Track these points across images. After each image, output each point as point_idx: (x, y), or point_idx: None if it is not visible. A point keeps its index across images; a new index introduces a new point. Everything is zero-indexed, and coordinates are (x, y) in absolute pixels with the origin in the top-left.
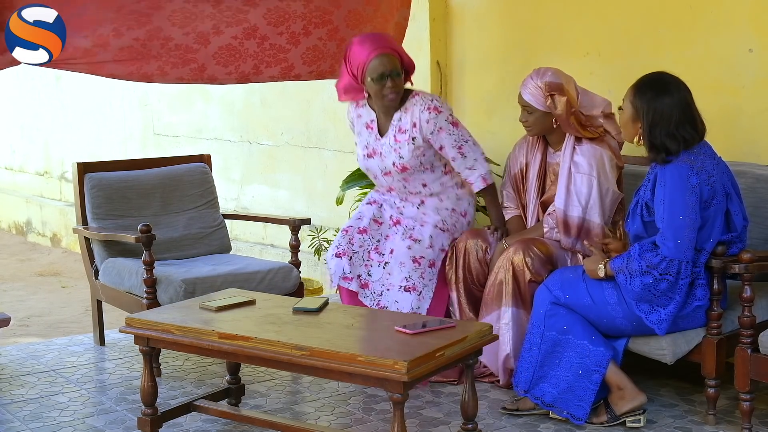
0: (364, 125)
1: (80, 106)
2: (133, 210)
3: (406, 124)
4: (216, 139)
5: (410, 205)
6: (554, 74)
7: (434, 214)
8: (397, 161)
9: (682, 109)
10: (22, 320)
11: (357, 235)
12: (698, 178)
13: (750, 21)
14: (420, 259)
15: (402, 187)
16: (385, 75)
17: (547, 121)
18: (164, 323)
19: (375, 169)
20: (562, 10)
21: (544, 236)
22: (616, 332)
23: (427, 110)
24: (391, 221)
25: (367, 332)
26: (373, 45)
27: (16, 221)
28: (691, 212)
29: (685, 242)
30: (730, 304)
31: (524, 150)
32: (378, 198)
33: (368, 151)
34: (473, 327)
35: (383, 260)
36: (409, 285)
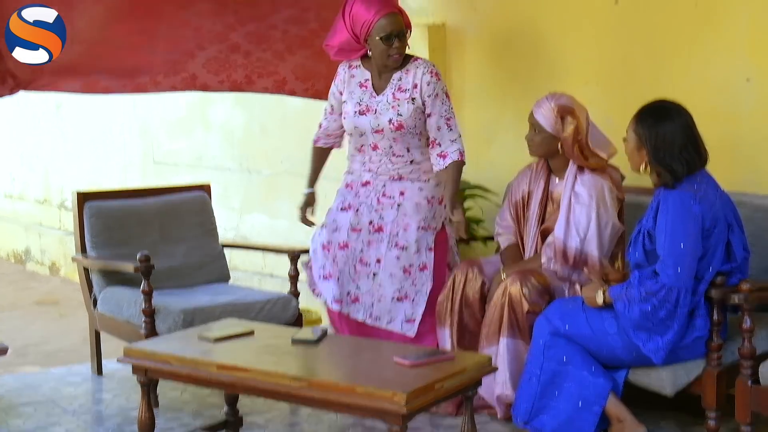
0: (358, 84)
1: (80, 135)
2: (132, 239)
3: (407, 84)
4: (216, 168)
5: (389, 207)
6: (568, 99)
7: (415, 213)
8: (395, 118)
9: (684, 133)
10: (20, 349)
11: (339, 252)
12: (700, 207)
13: (748, 51)
14: (410, 268)
15: (388, 147)
16: (393, 35)
17: (552, 145)
18: (162, 353)
19: (365, 126)
20: (561, 39)
21: (542, 267)
22: (616, 363)
23: (429, 73)
24: (372, 227)
25: (366, 363)
26: (379, 3)
27: (15, 249)
28: (693, 240)
29: (685, 270)
30: (731, 335)
31: (527, 178)
32: (353, 201)
33: (360, 108)
34: (472, 359)
35: (370, 271)
36: (401, 295)
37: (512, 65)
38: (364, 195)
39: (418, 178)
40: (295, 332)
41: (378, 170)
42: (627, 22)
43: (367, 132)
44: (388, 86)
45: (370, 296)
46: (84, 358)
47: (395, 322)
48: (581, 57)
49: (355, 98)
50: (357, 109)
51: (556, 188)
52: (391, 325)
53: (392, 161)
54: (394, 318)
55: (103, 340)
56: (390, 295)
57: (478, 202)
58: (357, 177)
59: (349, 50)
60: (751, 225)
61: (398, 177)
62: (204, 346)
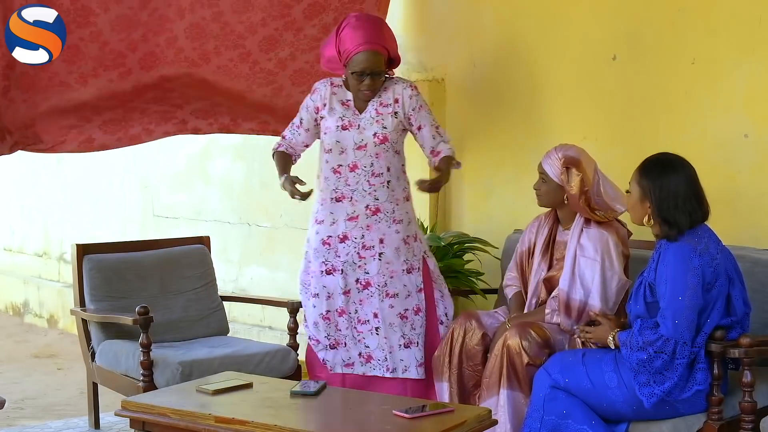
0: (339, 102)
1: (80, 188)
2: (131, 291)
3: (388, 100)
4: (215, 221)
5: (372, 260)
6: (576, 151)
7: (396, 259)
8: (380, 131)
9: (688, 186)
10: (17, 402)
11: (339, 319)
12: (701, 260)
13: (745, 107)
14: (406, 313)
15: (368, 165)
16: (365, 73)
17: (558, 195)
18: (160, 407)
19: (347, 142)
20: (559, 95)
21: (545, 319)
22: (616, 417)
23: (409, 87)
24: (360, 285)
25: (366, 416)
26: (364, 37)
27: (13, 302)
28: (692, 293)
29: (683, 323)
30: (731, 389)
31: (534, 229)
32: (335, 262)
33: (343, 123)
34: (472, 412)
35: (372, 327)
36: (406, 341)
37: (510, 120)
38: (344, 253)
39: (392, 210)
40: (294, 385)
41: (353, 196)
42: (625, 77)
43: (349, 148)
44: (369, 104)
45: (381, 351)
46: (81, 412)
47: (411, 369)
48: (579, 112)
49: (337, 114)
50: (339, 124)
51: (562, 237)
52: (407, 373)
53: (370, 183)
54: (409, 366)
55: (101, 393)
56: (397, 343)
57: (477, 255)
58: (332, 230)
59: (335, 64)
60: (751, 279)
61: (374, 209)
62: (202, 398)
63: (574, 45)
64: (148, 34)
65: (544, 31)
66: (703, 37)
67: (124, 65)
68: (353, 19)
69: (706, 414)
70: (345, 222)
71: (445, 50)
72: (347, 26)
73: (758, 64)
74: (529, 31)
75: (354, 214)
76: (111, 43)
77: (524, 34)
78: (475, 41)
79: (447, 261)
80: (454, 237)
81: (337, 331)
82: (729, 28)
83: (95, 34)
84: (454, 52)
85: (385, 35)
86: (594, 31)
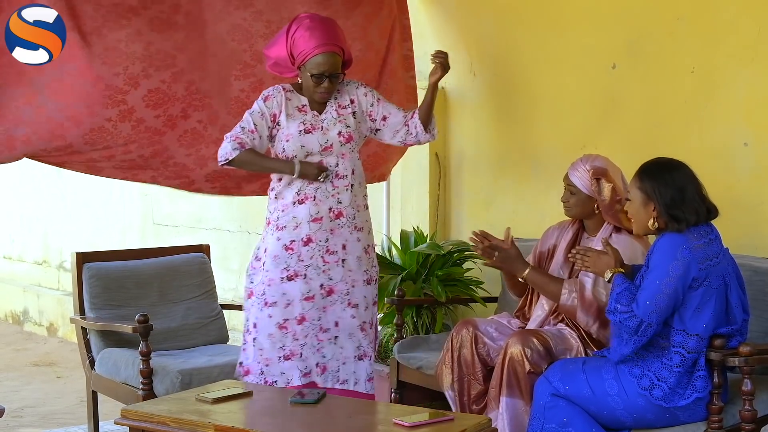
0: (296, 108)
1: (80, 196)
2: (130, 300)
3: (345, 101)
4: (215, 229)
5: (336, 266)
6: (603, 161)
7: (358, 268)
8: (344, 131)
9: (690, 181)
10: (16, 411)
11: (297, 327)
12: (690, 254)
13: (744, 115)
14: (365, 326)
15: (333, 165)
16: (325, 75)
17: (588, 206)
18: (160, 415)
19: (312, 145)
20: (559, 104)
21: (560, 298)
22: (616, 425)
23: (362, 86)
24: (324, 291)
25: (365, 425)
26: (322, 38)
27: (13, 310)
28: (669, 281)
29: (653, 306)
30: (731, 398)
31: (557, 233)
32: (298, 268)
33: (306, 127)
34: (472, 420)
35: (332, 336)
36: (361, 353)
37: (511, 129)
38: (308, 256)
39: (353, 216)
40: (294, 393)
41: (317, 195)
42: (624, 86)
43: (314, 151)
44: (327, 105)
45: (336, 361)
46: (81, 420)
47: (360, 383)
48: (578, 121)
49: (297, 119)
50: (302, 128)
51: (586, 244)
52: (357, 386)
53: (334, 184)
54: (359, 379)
55: (101, 401)
56: (352, 355)
57: (476, 264)
58: (295, 234)
59: (283, 67)
60: (750, 287)
61: (337, 212)
62: (202, 407)
63: (573, 54)
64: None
65: (543, 40)
66: (703, 46)
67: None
68: (307, 20)
69: (706, 423)
70: (309, 224)
71: None
72: (300, 27)
73: (757, 72)
74: (528, 40)
75: (318, 215)
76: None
77: (524, 43)
78: (475, 50)
79: (447, 269)
80: (453, 245)
81: (294, 340)
82: (728, 37)
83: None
84: (454, 61)
85: (340, 36)
86: (593, 40)
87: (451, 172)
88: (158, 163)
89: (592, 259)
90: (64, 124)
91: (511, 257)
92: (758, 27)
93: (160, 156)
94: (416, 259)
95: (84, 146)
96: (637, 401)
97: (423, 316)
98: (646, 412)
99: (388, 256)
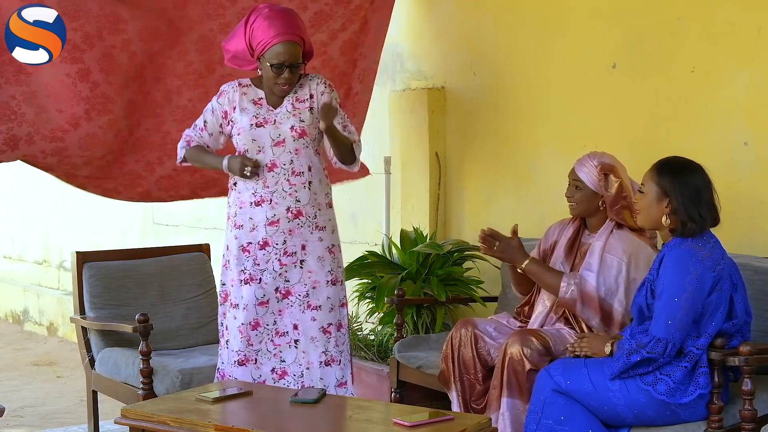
0: (251, 101)
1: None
2: (131, 299)
3: (304, 95)
4: (215, 229)
5: (293, 267)
6: (610, 158)
7: (320, 269)
8: (297, 125)
9: (706, 185)
10: (16, 410)
11: (251, 333)
12: (702, 265)
13: (744, 115)
14: (329, 328)
15: (288, 163)
16: (285, 65)
17: (593, 202)
18: (160, 415)
19: (264, 139)
20: (559, 103)
21: (559, 292)
22: (617, 421)
23: (323, 84)
24: (279, 294)
25: (365, 424)
26: (281, 27)
27: (13, 310)
28: (688, 297)
29: (676, 324)
30: (732, 398)
31: (558, 230)
32: (253, 271)
33: (258, 120)
34: (472, 420)
35: (291, 339)
36: (327, 358)
37: (510, 128)
38: (263, 260)
39: (314, 215)
40: (294, 393)
41: (272, 198)
42: (624, 86)
43: (266, 146)
44: (285, 100)
45: (298, 366)
46: (81, 420)
47: (330, 389)
48: (578, 120)
49: (250, 113)
50: (254, 122)
51: (587, 240)
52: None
53: (290, 182)
54: (328, 385)
55: (101, 401)
56: (317, 360)
57: (476, 263)
58: (252, 236)
59: (242, 60)
60: (750, 287)
61: (296, 212)
62: (202, 407)
63: (573, 53)
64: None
65: (543, 39)
66: (703, 45)
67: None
68: (266, 10)
69: (706, 422)
70: (265, 227)
71: (445, 58)
72: (259, 17)
73: (758, 72)
74: (528, 39)
75: (274, 218)
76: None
77: (524, 43)
78: (475, 49)
79: (446, 269)
80: (453, 245)
81: (248, 345)
82: (728, 36)
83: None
84: (453, 61)
85: (300, 26)
86: (593, 40)
87: (452, 171)
88: (117, 172)
89: (589, 343)
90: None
91: (511, 248)
92: (758, 27)
93: (116, 163)
94: (416, 258)
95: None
96: (639, 397)
97: (423, 315)
98: (647, 409)
99: (388, 256)
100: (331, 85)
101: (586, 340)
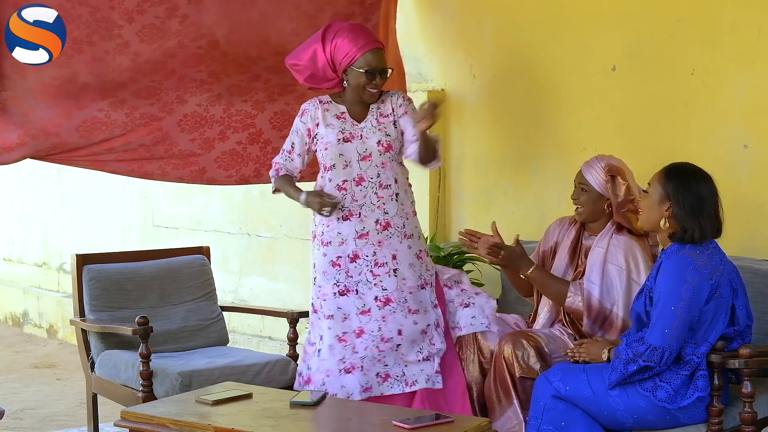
0: (334, 116)
1: (80, 198)
2: (131, 302)
3: (387, 111)
4: (215, 231)
5: (387, 276)
6: (617, 161)
7: (412, 275)
8: (384, 139)
9: (712, 196)
10: (16, 413)
11: (356, 341)
12: (699, 274)
13: (744, 118)
14: (427, 329)
15: (375, 176)
16: (377, 71)
17: (599, 205)
18: (160, 417)
19: (351, 154)
20: (558, 106)
21: (565, 302)
22: (617, 426)
23: (402, 97)
24: (380, 302)
25: (365, 427)
26: (366, 37)
27: (13, 312)
28: (684, 306)
29: (673, 332)
30: (731, 400)
31: (558, 230)
32: (348, 283)
33: (344, 135)
34: (472, 422)
35: (393, 344)
36: (423, 356)
37: (511, 131)
38: (356, 273)
39: (403, 225)
40: (294, 395)
41: (361, 211)
42: (624, 88)
43: (353, 161)
44: (368, 114)
45: (398, 366)
46: (81, 422)
47: (430, 380)
48: (578, 123)
49: (336, 128)
50: (341, 137)
51: (588, 243)
52: (429, 383)
53: (378, 195)
54: (430, 376)
55: (101, 403)
56: (414, 358)
57: (477, 266)
58: (341, 250)
59: (321, 78)
60: (750, 290)
61: (384, 224)
62: (202, 409)
63: (573, 56)
64: None
65: (543, 41)
66: (703, 48)
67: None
68: (345, 25)
69: (706, 425)
70: (355, 240)
71: (445, 61)
72: (339, 32)
73: (757, 75)
74: (528, 41)
75: (364, 231)
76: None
77: (524, 45)
78: (475, 52)
79: None
80: (454, 247)
81: (353, 353)
82: (728, 39)
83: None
84: (454, 63)
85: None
86: (594, 42)
87: (452, 174)
88: (162, 152)
89: (587, 349)
90: (54, 120)
91: (516, 256)
92: (758, 29)
93: (162, 143)
94: None
95: (80, 140)
96: (639, 402)
97: None
98: (647, 413)
99: None
100: (409, 99)
101: (584, 347)
